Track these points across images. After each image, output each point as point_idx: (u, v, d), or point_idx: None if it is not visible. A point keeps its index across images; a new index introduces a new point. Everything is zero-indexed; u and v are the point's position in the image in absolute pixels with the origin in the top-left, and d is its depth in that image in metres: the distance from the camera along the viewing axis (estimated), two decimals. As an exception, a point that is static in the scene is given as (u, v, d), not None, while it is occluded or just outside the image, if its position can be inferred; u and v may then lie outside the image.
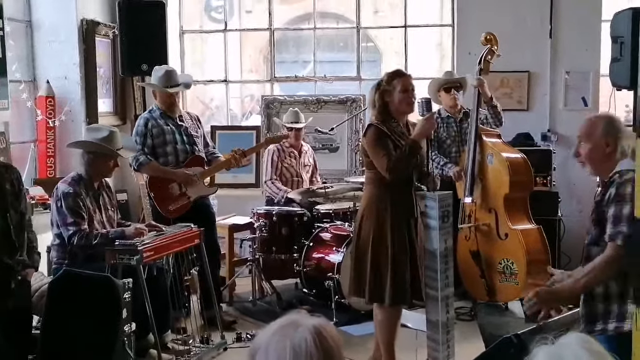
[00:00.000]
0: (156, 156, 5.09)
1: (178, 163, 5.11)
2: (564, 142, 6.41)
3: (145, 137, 5.07)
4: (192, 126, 5.23)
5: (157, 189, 5.12)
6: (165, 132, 5.09)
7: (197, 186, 5.11)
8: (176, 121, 5.15)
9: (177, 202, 5.09)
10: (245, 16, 8.68)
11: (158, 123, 5.09)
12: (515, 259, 4.89)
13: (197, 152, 5.18)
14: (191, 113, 5.43)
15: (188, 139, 5.15)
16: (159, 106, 5.14)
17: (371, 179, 4.07)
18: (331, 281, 5.13)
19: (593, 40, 6.28)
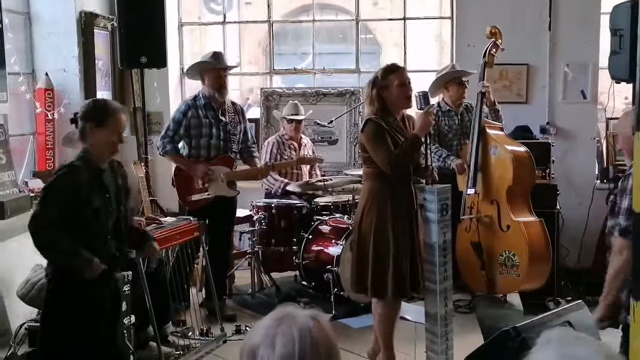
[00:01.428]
0: (190, 147, 5.12)
1: (209, 158, 5.12)
2: (563, 134, 6.42)
3: (179, 125, 5.08)
4: (234, 120, 5.20)
5: (181, 178, 5.17)
6: (203, 124, 5.09)
7: (219, 185, 5.11)
8: (218, 114, 5.11)
9: (197, 196, 5.09)
10: (244, 8, 8.66)
11: (199, 114, 5.09)
12: (517, 250, 4.90)
13: (230, 150, 5.17)
14: (237, 105, 5.37)
15: (225, 135, 5.13)
16: (208, 91, 5.10)
17: (370, 174, 4.07)
18: (330, 274, 5.14)
19: (592, 32, 6.27)
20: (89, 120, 3.36)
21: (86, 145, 3.37)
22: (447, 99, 5.70)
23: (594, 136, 6.51)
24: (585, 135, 6.45)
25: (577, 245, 6.14)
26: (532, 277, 4.93)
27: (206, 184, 5.08)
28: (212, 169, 5.07)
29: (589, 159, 6.51)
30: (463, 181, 5.21)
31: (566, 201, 5.98)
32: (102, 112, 3.38)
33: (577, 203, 6.22)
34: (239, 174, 5.22)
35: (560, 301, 5.34)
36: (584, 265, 6.12)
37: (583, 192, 6.27)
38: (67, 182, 3.27)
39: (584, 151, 6.45)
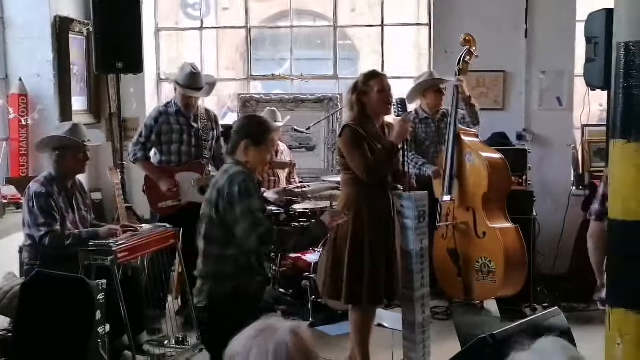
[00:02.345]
0: (161, 154, 5.16)
1: (179, 164, 5.15)
2: (539, 141, 6.46)
3: (150, 132, 5.12)
4: (206, 127, 5.21)
5: (151, 184, 5.18)
6: (174, 131, 5.12)
7: (190, 191, 5.12)
8: (190, 121, 5.12)
9: (167, 202, 5.12)
10: (222, 13, 8.64)
11: (170, 120, 5.12)
12: (493, 257, 4.92)
13: (201, 156, 5.18)
14: (211, 112, 5.40)
15: (196, 141, 5.17)
16: (177, 102, 5.15)
17: (348, 181, 4.08)
18: (307, 281, 5.13)
19: (568, 40, 6.32)
20: (245, 138, 3.33)
21: (237, 159, 3.35)
22: (424, 106, 5.73)
23: (570, 143, 6.57)
24: (561, 142, 6.50)
25: (553, 251, 6.18)
26: (509, 283, 4.95)
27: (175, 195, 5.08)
28: (181, 176, 5.08)
29: (565, 166, 6.56)
30: (439, 188, 5.22)
31: (542, 207, 6.02)
32: (260, 131, 3.38)
33: (553, 209, 6.26)
34: (209, 179, 5.21)
35: (536, 307, 5.37)
36: (560, 271, 6.16)
37: (559, 199, 6.31)
38: (253, 185, 3.30)
39: (560, 158, 6.50)
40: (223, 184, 3.26)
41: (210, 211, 3.29)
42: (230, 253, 3.27)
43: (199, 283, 3.39)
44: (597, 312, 5.19)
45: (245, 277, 3.31)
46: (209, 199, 3.35)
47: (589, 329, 4.61)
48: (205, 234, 3.33)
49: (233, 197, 3.21)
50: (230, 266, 3.29)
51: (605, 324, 2.95)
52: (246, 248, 3.24)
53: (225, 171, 3.33)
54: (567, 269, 6.14)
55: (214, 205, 3.27)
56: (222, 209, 3.23)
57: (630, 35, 2.81)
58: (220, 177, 3.34)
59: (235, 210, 3.20)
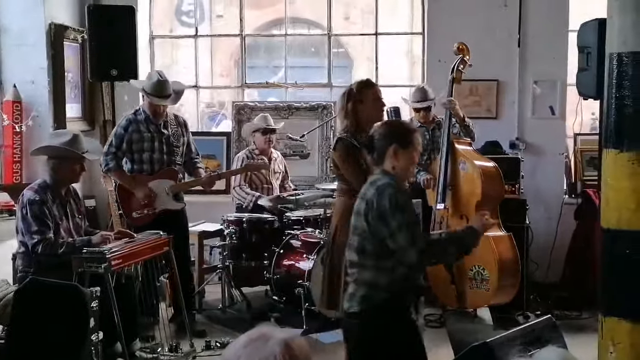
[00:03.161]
0: (132, 162, 5.11)
1: (152, 172, 5.11)
2: (532, 150, 6.49)
3: (121, 141, 5.08)
4: (177, 133, 5.19)
5: (124, 194, 5.14)
6: (145, 139, 5.08)
7: (165, 198, 5.10)
8: (159, 127, 5.11)
9: (141, 211, 5.08)
10: (216, 21, 8.65)
11: (139, 128, 5.08)
12: (487, 265, 4.93)
13: (174, 162, 5.16)
14: (180, 117, 5.37)
15: (167, 148, 5.13)
16: (145, 110, 5.13)
17: (344, 190, 4.08)
18: (301, 288, 5.11)
19: (560, 50, 6.36)
20: (393, 142, 3.23)
21: (385, 168, 3.25)
22: (416, 118, 5.77)
23: (562, 152, 6.59)
24: (554, 150, 6.53)
25: (546, 259, 6.19)
26: (502, 291, 4.96)
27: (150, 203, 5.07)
28: (154, 184, 5.07)
29: (557, 174, 6.59)
30: (433, 196, 5.24)
31: (535, 216, 6.03)
32: (405, 132, 3.30)
33: (545, 218, 6.28)
34: (183, 185, 5.21)
35: (529, 315, 5.38)
36: (553, 279, 6.17)
37: (551, 207, 6.33)
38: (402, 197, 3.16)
39: (553, 166, 6.53)
40: (371, 197, 3.14)
41: (362, 223, 3.17)
42: (387, 265, 3.15)
43: (352, 288, 3.26)
44: (590, 320, 5.23)
45: (399, 289, 3.22)
46: (357, 211, 3.23)
47: (581, 337, 4.62)
48: (358, 246, 3.20)
49: (384, 210, 3.09)
50: (385, 277, 3.17)
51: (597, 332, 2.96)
52: (406, 262, 3.13)
53: (372, 182, 3.22)
54: (559, 277, 6.15)
55: (364, 217, 3.16)
56: (373, 222, 3.11)
57: (622, 46, 2.83)
58: (367, 188, 3.23)
59: (389, 224, 3.08)
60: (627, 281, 2.82)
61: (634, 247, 2.78)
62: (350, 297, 3.23)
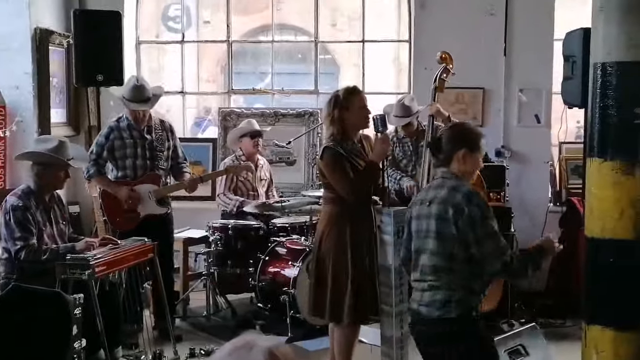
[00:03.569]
0: (117, 169, 5.12)
1: (135, 178, 5.11)
2: (518, 158, 6.51)
3: (102, 149, 5.10)
4: (161, 138, 5.19)
5: (108, 199, 5.14)
6: (127, 145, 5.09)
7: (148, 203, 5.09)
8: (142, 133, 5.10)
9: (125, 216, 5.08)
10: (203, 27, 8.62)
11: (122, 135, 5.09)
12: (470, 273, 4.93)
13: (157, 167, 5.15)
14: (166, 122, 5.37)
15: (150, 153, 5.13)
16: (127, 116, 5.13)
17: (330, 199, 4.08)
18: (287, 296, 5.11)
19: (546, 58, 6.40)
20: (463, 146, 3.20)
21: (452, 171, 3.21)
22: (400, 129, 5.74)
23: (547, 160, 6.63)
24: (539, 158, 6.57)
25: (531, 267, 6.20)
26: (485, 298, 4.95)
27: (133, 207, 5.06)
28: (137, 189, 5.06)
29: (542, 183, 6.62)
30: (418, 204, 5.23)
31: (520, 224, 6.05)
32: (474, 137, 3.28)
33: (530, 226, 6.29)
34: (165, 189, 5.20)
35: (514, 323, 5.39)
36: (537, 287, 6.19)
37: (536, 215, 6.36)
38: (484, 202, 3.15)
39: (538, 174, 6.56)
40: (460, 202, 3.07)
41: (449, 229, 3.10)
42: (479, 271, 3.11)
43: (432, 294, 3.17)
44: (574, 328, 5.24)
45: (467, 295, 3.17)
46: (439, 215, 3.14)
47: (565, 345, 4.64)
48: (445, 251, 3.13)
49: (475, 217, 3.05)
50: (479, 283, 3.15)
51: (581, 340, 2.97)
52: (489, 271, 3.10)
53: (454, 187, 3.15)
54: (544, 284, 6.17)
55: (453, 222, 3.08)
56: (462, 228, 3.05)
57: (606, 55, 2.85)
58: (448, 192, 3.14)
59: (476, 231, 3.04)
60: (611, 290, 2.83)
61: (618, 256, 2.79)
62: (432, 302, 3.15)
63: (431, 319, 3.12)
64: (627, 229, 2.77)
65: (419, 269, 3.22)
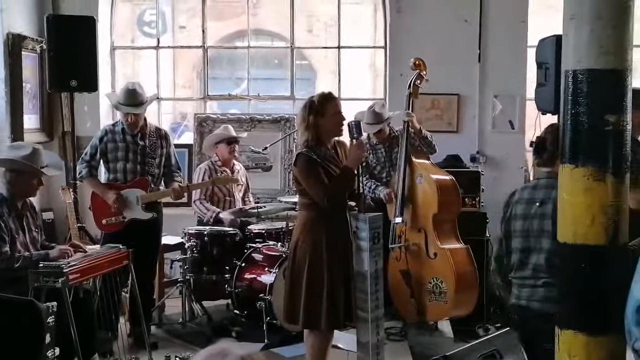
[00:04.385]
0: (108, 171, 5.23)
1: (125, 182, 5.18)
2: (492, 163, 6.58)
3: (95, 151, 5.21)
4: (155, 145, 5.24)
5: (97, 201, 5.21)
6: (119, 149, 5.18)
7: (135, 208, 5.13)
8: (135, 138, 5.14)
9: (111, 218, 5.14)
10: (178, 32, 8.62)
11: (115, 138, 5.19)
12: (444, 277, 4.97)
13: (147, 173, 5.19)
14: (162, 130, 5.43)
15: (142, 158, 5.19)
16: (123, 121, 5.20)
17: (305, 205, 4.10)
18: (263, 302, 5.10)
19: (519, 65, 6.49)
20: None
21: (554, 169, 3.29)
22: (372, 136, 5.76)
23: (522, 165, 6.70)
24: (514, 164, 6.64)
25: (506, 272, 6.26)
26: (460, 303, 5.00)
27: (120, 208, 5.09)
28: (125, 193, 5.10)
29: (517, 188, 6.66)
30: (391, 210, 5.27)
31: (495, 229, 6.08)
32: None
33: (505, 231, 6.35)
34: (152, 195, 5.20)
35: (489, 328, 5.43)
36: (513, 291, 6.24)
37: (511, 220, 6.40)
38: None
39: (513, 180, 6.59)
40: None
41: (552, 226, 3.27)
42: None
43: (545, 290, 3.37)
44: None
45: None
46: (543, 214, 3.35)
47: (539, 349, 4.67)
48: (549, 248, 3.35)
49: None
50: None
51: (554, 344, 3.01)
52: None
53: (551, 185, 3.32)
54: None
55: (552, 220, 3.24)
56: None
57: (577, 63, 2.88)
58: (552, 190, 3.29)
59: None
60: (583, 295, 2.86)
61: (590, 261, 2.82)
62: (547, 299, 3.34)
63: (549, 314, 3.22)
64: (599, 235, 2.80)
65: (530, 267, 3.42)
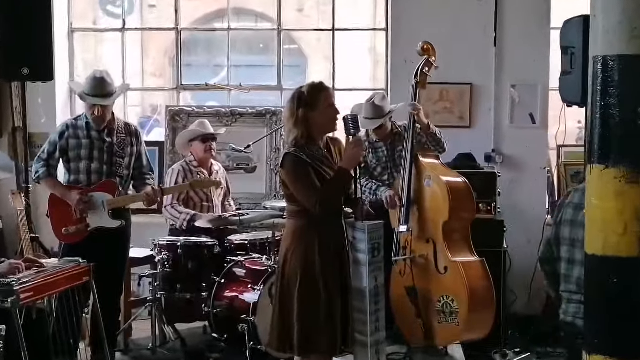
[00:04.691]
0: (68, 172, 5.18)
1: (89, 184, 5.15)
2: (510, 163, 6.60)
3: (55, 148, 5.16)
4: (124, 142, 5.23)
5: (56, 207, 5.17)
6: (83, 146, 5.15)
7: (100, 215, 5.10)
8: (102, 134, 5.11)
9: (73, 227, 5.09)
10: (147, 11, 8.60)
11: (78, 134, 5.16)
12: (456, 295, 4.98)
13: (115, 174, 5.17)
14: (131, 126, 5.42)
15: (109, 158, 5.17)
16: (87, 115, 5.17)
17: (294, 212, 4.09)
18: (246, 324, 5.11)
19: (542, 50, 6.50)
20: None
21: None
22: (372, 133, 5.76)
23: (544, 166, 6.71)
24: (535, 164, 6.65)
25: (526, 289, 6.28)
26: (474, 325, 5.01)
27: (84, 213, 5.04)
28: (91, 196, 5.06)
29: (539, 191, 6.70)
30: (395, 217, 5.27)
31: (514, 239, 6.12)
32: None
33: (526, 241, 6.37)
34: (121, 200, 5.18)
35: (507, 353, 5.45)
36: (534, 311, 6.26)
37: (532, 229, 6.41)
38: None
39: (534, 182, 6.64)
40: None
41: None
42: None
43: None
44: (575, 359, 5.29)
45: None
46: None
47: (565, 378, 4.69)
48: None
49: None
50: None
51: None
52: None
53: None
54: (541, 309, 6.24)
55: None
56: None
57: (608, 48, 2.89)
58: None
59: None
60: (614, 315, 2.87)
61: (622, 275, 2.83)
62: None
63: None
64: (632, 245, 2.80)
65: (573, 281, 3.62)
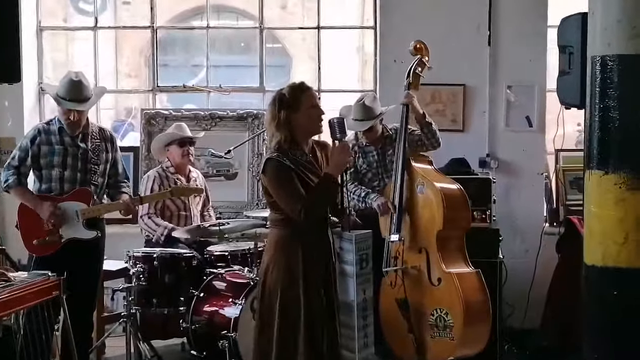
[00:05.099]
0: (39, 180, 5.16)
1: (62, 193, 5.13)
2: (506, 169, 6.61)
3: (25, 154, 5.15)
4: (98, 148, 5.23)
5: (26, 217, 5.14)
6: (56, 152, 5.13)
7: (74, 225, 5.09)
8: (76, 140, 5.12)
9: (44, 238, 5.06)
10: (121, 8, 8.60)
11: (50, 140, 5.14)
12: (450, 308, 4.98)
13: (89, 182, 5.17)
14: (106, 131, 5.41)
15: (83, 165, 5.16)
16: (61, 119, 5.15)
17: (277, 221, 4.08)
18: (226, 341, 5.10)
19: (538, 49, 6.53)
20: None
21: None
22: (361, 135, 5.78)
23: (542, 171, 6.74)
24: (532, 169, 6.67)
25: (523, 301, 6.30)
26: (469, 340, 5.01)
27: (56, 224, 5.04)
28: (63, 206, 5.05)
29: (536, 198, 6.72)
30: (385, 225, 5.27)
31: (510, 248, 6.14)
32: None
33: (522, 250, 6.40)
34: (95, 210, 5.17)
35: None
36: (531, 325, 6.27)
37: (529, 238, 6.45)
38: None
39: (531, 189, 6.66)
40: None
41: None
42: None
43: None
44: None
45: None
46: None
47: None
48: None
49: None
50: None
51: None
52: None
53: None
54: (539, 322, 6.26)
55: None
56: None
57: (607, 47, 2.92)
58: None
59: None
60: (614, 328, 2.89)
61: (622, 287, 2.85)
62: None
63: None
64: (633, 256, 2.83)
65: None
